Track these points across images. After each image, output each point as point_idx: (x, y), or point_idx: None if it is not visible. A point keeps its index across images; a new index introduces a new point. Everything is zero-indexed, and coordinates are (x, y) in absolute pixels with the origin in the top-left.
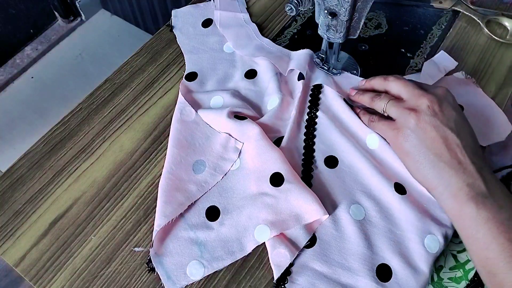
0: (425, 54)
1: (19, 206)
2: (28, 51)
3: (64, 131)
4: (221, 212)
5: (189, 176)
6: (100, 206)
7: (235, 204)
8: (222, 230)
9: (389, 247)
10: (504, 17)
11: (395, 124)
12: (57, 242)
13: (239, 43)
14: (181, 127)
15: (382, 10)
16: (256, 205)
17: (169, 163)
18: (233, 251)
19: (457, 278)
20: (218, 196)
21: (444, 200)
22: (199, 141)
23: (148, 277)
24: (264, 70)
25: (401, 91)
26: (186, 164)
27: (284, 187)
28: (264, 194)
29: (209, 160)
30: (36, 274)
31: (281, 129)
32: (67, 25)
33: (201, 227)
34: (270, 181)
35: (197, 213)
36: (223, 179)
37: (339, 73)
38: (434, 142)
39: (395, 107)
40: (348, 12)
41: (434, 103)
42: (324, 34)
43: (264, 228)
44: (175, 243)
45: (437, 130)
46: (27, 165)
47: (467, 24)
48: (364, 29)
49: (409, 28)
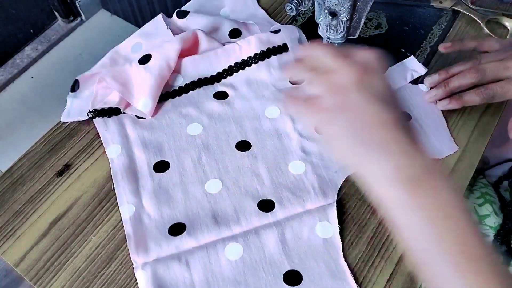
0: (425, 54)
1: (19, 206)
2: (28, 51)
3: (64, 131)
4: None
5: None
6: (100, 206)
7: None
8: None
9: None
10: (504, 17)
11: (318, 105)
12: (57, 242)
13: (235, 9)
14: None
15: (382, 10)
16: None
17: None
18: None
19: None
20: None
21: (375, 186)
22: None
23: None
24: (247, 34)
25: (325, 60)
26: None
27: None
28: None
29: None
30: (36, 274)
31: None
32: (67, 25)
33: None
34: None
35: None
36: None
37: None
38: (362, 122)
39: (317, 84)
40: (348, 12)
41: (363, 74)
42: (324, 34)
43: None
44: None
45: (365, 108)
46: (27, 165)
47: (467, 24)
48: (364, 29)
49: (409, 28)
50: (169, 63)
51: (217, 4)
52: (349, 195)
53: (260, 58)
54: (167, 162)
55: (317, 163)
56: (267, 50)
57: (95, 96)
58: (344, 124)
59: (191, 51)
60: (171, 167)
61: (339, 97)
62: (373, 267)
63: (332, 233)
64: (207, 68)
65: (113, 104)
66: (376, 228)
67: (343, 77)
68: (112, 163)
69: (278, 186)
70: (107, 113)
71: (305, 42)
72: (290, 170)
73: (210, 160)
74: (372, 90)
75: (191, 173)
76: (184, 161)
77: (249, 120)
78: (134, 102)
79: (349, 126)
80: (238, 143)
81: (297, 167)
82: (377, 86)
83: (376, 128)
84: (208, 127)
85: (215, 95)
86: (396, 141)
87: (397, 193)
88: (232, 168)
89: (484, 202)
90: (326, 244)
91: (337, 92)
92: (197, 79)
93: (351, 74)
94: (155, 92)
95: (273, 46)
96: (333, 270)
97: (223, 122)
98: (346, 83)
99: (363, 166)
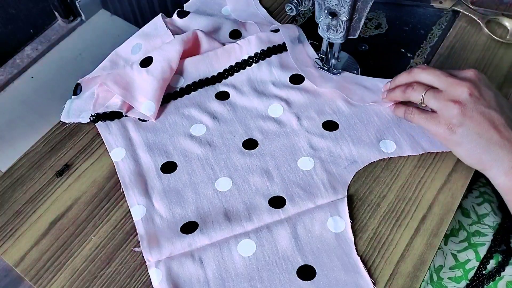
0: (425, 54)
1: (19, 206)
2: (28, 51)
3: (64, 131)
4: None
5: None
6: (100, 206)
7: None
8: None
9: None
10: (504, 17)
11: (438, 116)
12: (57, 242)
13: (236, 7)
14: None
15: (382, 10)
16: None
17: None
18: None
19: (457, 277)
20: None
21: (498, 179)
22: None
23: (148, 277)
24: (246, 34)
25: (434, 81)
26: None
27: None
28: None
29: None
30: (36, 274)
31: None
32: (67, 25)
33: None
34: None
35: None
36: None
37: (339, 73)
38: (483, 127)
39: (435, 99)
40: (348, 12)
41: (473, 89)
42: (324, 34)
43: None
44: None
45: (483, 115)
46: (27, 165)
47: (467, 24)
48: (364, 29)
49: (409, 28)
50: (171, 65)
51: (218, 2)
52: (349, 195)
53: (260, 57)
54: (174, 163)
55: (325, 158)
56: (267, 49)
57: (96, 99)
58: (467, 132)
59: (192, 52)
60: (179, 168)
61: (456, 111)
62: (373, 267)
63: (343, 227)
64: (207, 69)
65: (115, 107)
66: (376, 228)
67: (456, 93)
68: (117, 166)
69: (288, 182)
70: (109, 117)
71: (305, 41)
72: (299, 167)
73: (218, 159)
74: (484, 100)
75: (199, 172)
76: (191, 161)
77: (253, 119)
78: (138, 105)
79: (471, 134)
80: (245, 141)
81: (306, 163)
82: (487, 96)
83: (496, 129)
84: (211, 127)
85: (216, 95)
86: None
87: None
88: (241, 166)
89: (483, 201)
90: (338, 238)
91: (454, 106)
92: (198, 80)
93: (463, 89)
94: (158, 94)
95: (273, 45)
96: (346, 264)
97: (227, 122)
98: (460, 97)
99: (486, 163)
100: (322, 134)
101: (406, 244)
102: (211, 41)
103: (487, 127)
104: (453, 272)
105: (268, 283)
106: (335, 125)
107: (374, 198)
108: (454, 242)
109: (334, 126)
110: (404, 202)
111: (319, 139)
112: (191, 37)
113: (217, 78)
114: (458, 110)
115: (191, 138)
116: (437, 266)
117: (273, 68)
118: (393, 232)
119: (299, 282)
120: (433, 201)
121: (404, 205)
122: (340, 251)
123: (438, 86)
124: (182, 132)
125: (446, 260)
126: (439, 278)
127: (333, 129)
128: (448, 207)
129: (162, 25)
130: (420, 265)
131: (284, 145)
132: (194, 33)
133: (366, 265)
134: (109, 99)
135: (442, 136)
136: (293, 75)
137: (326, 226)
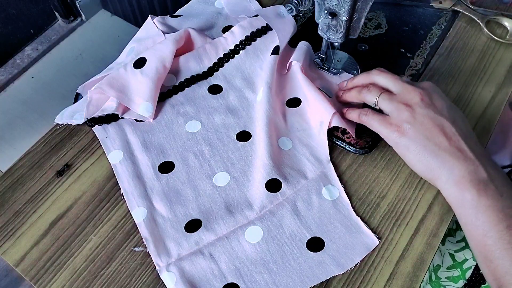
0: (424, 54)
1: (19, 206)
2: (28, 51)
3: (64, 131)
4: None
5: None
6: (100, 206)
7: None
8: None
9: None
10: (504, 17)
11: (389, 118)
12: (57, 242)
13: (230, 1)
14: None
15: (382, 10)
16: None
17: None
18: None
19: (454, 277)
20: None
21: (447, 189)
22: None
23: (148, 277)
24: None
25: (389, 85)
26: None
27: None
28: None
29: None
30: (36, 274)
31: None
32: (67, 25)
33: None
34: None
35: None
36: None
37: (339, 73)
38: (433, 132)
39: (388, 101)
40: (348, 12)
41: (425, 96)
42: (324, 34)
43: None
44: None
45: (433, 120)
46: (27, 165)
47: (467, 24)
48: (364, 29)
49: (409, 28)
50: (165, 65)
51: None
52: (349, 195)
53: (246, 43)
54: (172, 162)
55: (300, 135)
56: (251, 34)
57: (89, 101)
58: (415, 135)
59: (185, 51)
60: (176, 167)
61: (407, 113)
62: (373, 267)
63: (338, 193)
64: (198, 64)
65: (111, 110)
66: (376, 228)
67: (408, 96)
68: (115, 168)
69: (279, 165)
70: (105, 120)
71: (288, 16)
72: (281, 147)
73: (214, 154)
74: (435, 107)
75: (197, 169)
76: (188, 159)
77: (244, 110)
78: (135, 107)
79: (420, 137)
80: (238, 134)
81: (285, 143)
82: (439, 104)
83: (446, 136)
84: (206, 122)
85: (209, 89)
86: (465, 149)
87: (468, 194)
88: (237, 159)
89: None
90: (335, 204)
91: (405, 109)
92: (190, 76)
93: (415, 93)
94: (154, 95)
95: (256, 29)
96: (348, 227)
97: (220, 116)
98: (411, 101)
99: (435, 170)
100: (288, 111)
101: (405, 244)
102: (204, 39)
103: (436, 132)
104: (450, 271)
105: (282, 263)
106: (298, 101)
107: (374, 198)
108: (451, 242)
109: (297, 102)
110: (404, 202)
111: (292, 117)
112: (183, 35)
113: (208, 73)
114: (408, 113)
115: (187, 135)
116: (435, 266)
117: (259, 52)
118: (392, 232)
119: (311, 254)
120: (433, 201)
121: (404, 205)
122: (340, 216)
123: (392, 90)
124: (178, 130)
125: (443, 260)
126: (437, 278)
127: (296, 105)
128: (447, 207)
129: (153, 26)
130: (420, 265)
131: (270, 129)
132: (186, 31)
133: (366, 264)
134: (102, 100)
135: (392, 139)
136: (276, 47)
137: (322, 196)
